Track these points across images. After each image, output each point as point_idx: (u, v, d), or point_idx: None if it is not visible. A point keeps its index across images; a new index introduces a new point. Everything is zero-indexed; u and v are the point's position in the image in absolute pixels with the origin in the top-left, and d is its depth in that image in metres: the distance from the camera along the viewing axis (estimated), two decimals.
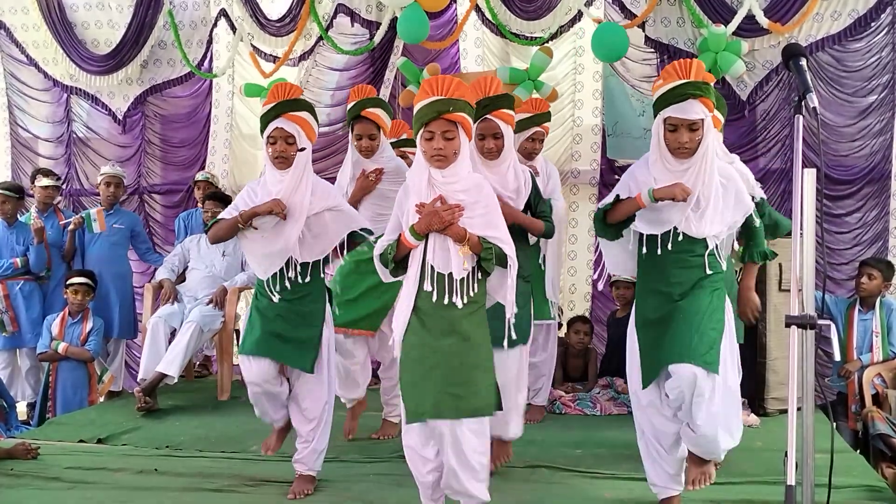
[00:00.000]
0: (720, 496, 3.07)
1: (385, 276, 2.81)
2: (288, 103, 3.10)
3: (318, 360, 3.26)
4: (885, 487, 3.31)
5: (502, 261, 2.70)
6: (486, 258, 2.66)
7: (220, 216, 3.23)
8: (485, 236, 2.67)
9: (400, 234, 2.72)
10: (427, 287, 2.67)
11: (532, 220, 3.33)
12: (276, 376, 3.24)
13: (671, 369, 2.80)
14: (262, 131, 3.14)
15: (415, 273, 2.71)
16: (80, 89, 7.08)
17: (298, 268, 3.17)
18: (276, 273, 3.16)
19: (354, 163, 3.90)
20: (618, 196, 2.90)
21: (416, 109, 2.68)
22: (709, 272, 2.84)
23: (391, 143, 4.24)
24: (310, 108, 3.19)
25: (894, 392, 4.54)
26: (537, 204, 3.36)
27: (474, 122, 3.10)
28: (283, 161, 3.12)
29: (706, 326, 2.79)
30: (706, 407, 2.75)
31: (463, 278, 2.67)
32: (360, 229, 3.30)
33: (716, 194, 2.81)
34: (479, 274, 2.73)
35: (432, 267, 2.68)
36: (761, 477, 3.35)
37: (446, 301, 2.66)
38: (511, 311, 2.78)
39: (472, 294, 2.69)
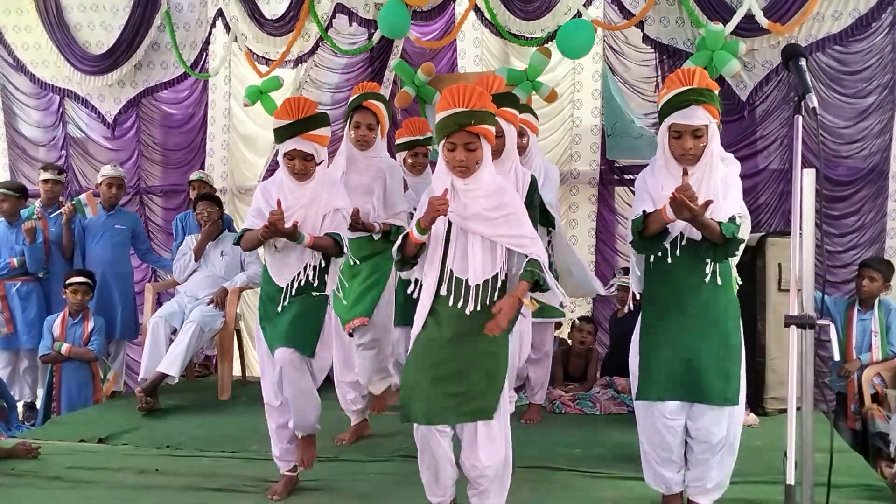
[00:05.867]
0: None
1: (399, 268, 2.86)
2: (305, 122, 3.06)
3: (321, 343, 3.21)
4: (885, 487, 3.32)
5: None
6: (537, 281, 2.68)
7: (245, 226, 3.24)
8: (506, 234, 2.70)
9: (409, 231, 2.74)
10: (444, 291, 2.71)
11: None
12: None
13: (696, 409, 2.86)
14: (276, 140, 3.12)
15: (434, 276, 2.74)
16: (72, 91, 7.06)
17: (310, 270, 3.18)
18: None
19: (348, 157, 3.87)
20: (644, 211, 2.86)
21: (437, 119, 2.68)
22: (712, 281, 2.82)
23: (409, 142, 4.24)
24: (325, 121, 3.15)
25: (894, 391, 4.55)
26: (534, 208, 3.34)
27: None
28: (302, 176, 3.14)
29: (724, 358, 2.83)
30: (718, 440, 2.84)
31: (479, 285, 2.70)
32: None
33: (717, 199, 2.78)
34: (501, 284, 2.75)
35: (451, 271, 2.71)
36: (761, 477, 3.36)
37: (460, 305, 2.69)
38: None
39: (488, 303, 2.71)
